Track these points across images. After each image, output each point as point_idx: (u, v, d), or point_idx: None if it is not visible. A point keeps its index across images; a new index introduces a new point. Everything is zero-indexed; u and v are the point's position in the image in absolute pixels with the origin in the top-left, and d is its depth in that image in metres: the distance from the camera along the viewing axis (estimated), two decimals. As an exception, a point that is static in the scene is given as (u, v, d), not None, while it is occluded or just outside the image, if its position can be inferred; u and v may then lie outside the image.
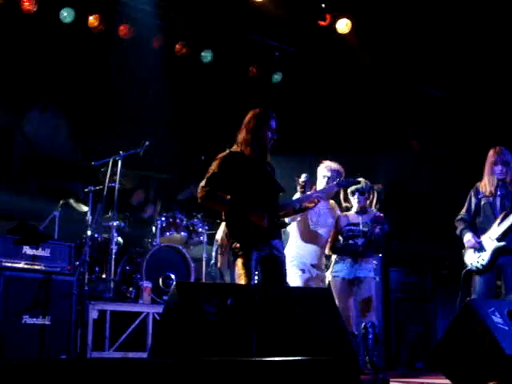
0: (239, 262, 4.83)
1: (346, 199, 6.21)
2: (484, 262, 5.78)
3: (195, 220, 7.67)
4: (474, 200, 6.06)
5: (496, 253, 5.76)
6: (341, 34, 8.72)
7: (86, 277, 6.70)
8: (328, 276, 5.99)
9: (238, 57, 9.02)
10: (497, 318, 4.21)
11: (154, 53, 8.40)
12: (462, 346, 4.25)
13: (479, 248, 5.84)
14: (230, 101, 8.69)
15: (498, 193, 5.97)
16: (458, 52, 8.85)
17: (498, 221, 5.83)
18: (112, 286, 6.86)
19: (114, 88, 8.24)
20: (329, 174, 6.06)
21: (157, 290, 7.02)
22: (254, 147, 5.14)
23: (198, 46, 8.77)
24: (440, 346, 4.47)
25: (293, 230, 6.11)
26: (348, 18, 8.66)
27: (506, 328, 4.16)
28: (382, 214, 5.95)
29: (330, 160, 6.25)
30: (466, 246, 5.91)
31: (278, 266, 4.95)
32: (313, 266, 5.95)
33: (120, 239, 7.35)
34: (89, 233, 6.93)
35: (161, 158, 8.35)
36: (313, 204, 5.24)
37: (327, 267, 6.02)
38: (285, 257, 5.09)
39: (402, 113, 9.79)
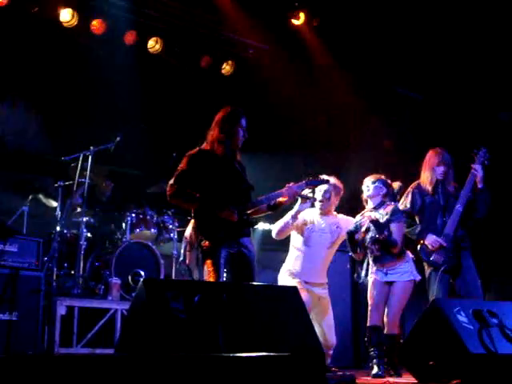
0: (208, 260, 4.85)
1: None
2: (451, 261, 5.85)
3: (165, 217, 7.65)
4: (418, 198, 6.15)
5: (457, 249, 5.90)
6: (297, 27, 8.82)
7: (55, 273, 6.66)
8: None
9: (211, 54, 9.02)
10: (462, 318, 4.26)
11: (127, 48, 8.36)
12: (427, 344, 4.29)
13: (442, 247, 5.90)
14: (202, 98, 8.67)
15: (439, 191, 6.10)
16: (434, 54, 8.93)
17: (441, 217, 6.01)
18: (80, 282, 6.82)
19: (85, 83, 8.19)
20: (326, 188, 6.10)
21: (126, 286, 6.99)
22: (225, 145, 5.17)
23: (171, 42, 8.74)
24: (406, 344, 4.51)
25: (291, 244, 6.21)
26: (316, 16, 8.75)
27: (471, 327, 4.21)
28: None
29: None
30: (430, 247, 5.94)
31: (246, 263, 4.99)
32: (306, 283, 5.98)
33: (89, 235, 7.30)
34: (58, 228, 6.88)
35: (132, 154, 8.30)
36: (285, 199, 5.27)
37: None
38: (254, 254, 5.11)
39: (376, 112, 9.85)
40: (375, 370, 5.60)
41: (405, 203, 6.21)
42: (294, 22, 8.92)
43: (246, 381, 3.10)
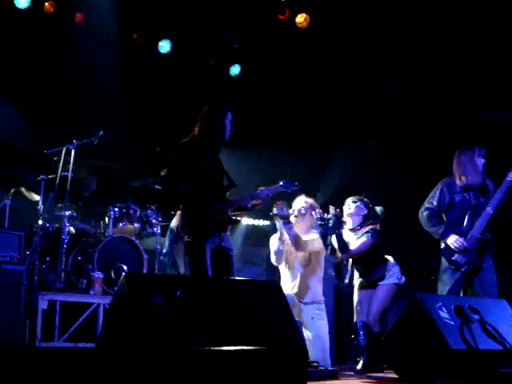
0: (192, 255, 4.85)
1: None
2: (474, 263, 5.72)
3: (149, 211, 7.61)
4: (446, 195, 6.00)
5: (481, 251, 5.76)
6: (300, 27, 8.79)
7: (37, 266, 6.61)
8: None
9: (196, 48, 8.99)
10: (443, 313, 4.28)
11: (110, 41, 8.31)
12: (409, 339, 4.30)
13: (465, 249, 5.78)
14: (186, 92, 8.65)
15: (472, 190, 5.95)
16: (417, 51, 8.96)
17: (469, 217, 5.84)
18: (63, 276, 6.77)
19: (68, 76, 8.14)
20: (304, 205, 6.16)
21: (108, 281, 6.94)
22: (212, 139, 5.18)
23: (155, 35, 8.70)
24: (388, 339, 4.53)
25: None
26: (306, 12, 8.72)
27: (452, 323, 4.23)
28: None
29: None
30: (453, 247, 5.79)
31: (226, 257, 5.02)
32: (299, 301, 6.03)
33: (72, 229, 7.26)
34: (40, 222, 6.84)
35: (115, 148, 8.26)
36: (259, 201, 5.29)
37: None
38: (233, 248, 5.16)
39: (361, 110, 9.87)
40: (360, 365, 5.65)
41: (431, 200, 6.07)
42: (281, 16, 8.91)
43: (226, 375, 3.10)
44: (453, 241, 5.79)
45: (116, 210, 7.43)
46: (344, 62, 9.30)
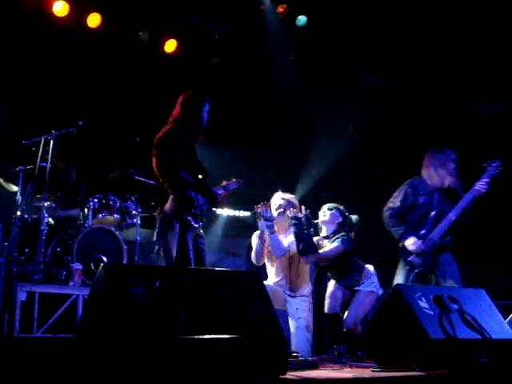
0: (182, 240, 4.88)
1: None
2: (428, 266, 5.88)
3: (128, 202, 7.56)
4: (411, 197, 6.07)
5: (437, 253, 5.89)
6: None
7: (15, 258, 6.55)
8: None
9: (175, 37, 8.94)
10: (423, 303, 4.30)
11: (89, 31, 8.24)
12: (388, 329, 4.32)
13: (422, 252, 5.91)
14: (165, 82, 8.61)
15: (429, 191, 6.05)
16: (399, 42, 8.98)
17: (432, 220, 5.95)
18: (41, 267, 6.72)
19: (47, 66, 8.07)
20: (281, 202, 6.15)
21: (88, 272, 6.89)
22: (190, 127, 5.18)
23: (135, 25, 8.64)
24: (368, 329, 4.54)
25: None
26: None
27: (432, 313, 4.24)
28: None
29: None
30: (410, 249, 5.93)
31: (200, 244, 5.17)
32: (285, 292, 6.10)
33: (51, 220, 7.20)
34: (18, 213, 6.77)
35: (95, 139, 8.21)
36: (225, 194, 5.51)
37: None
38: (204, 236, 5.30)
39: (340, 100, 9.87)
40: (336, 354, 5.67)
41: (394, 200, 6.14)
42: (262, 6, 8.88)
43: (205, 363, 3.10)
44: (410, 243, 5.92)
45: (95, 200, 7.38)
46: (326, 53, 9.29)
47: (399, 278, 5.97)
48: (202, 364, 3.11)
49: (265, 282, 6.10)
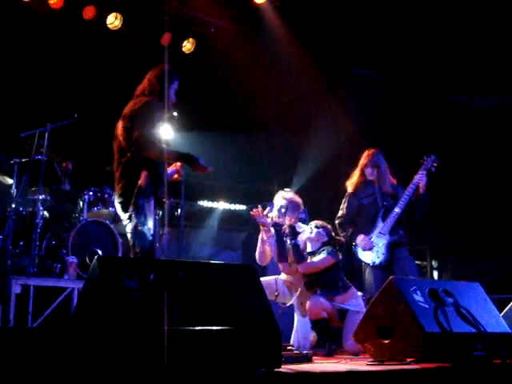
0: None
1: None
2: (383, 258, 6.20)
3: (124, 195, 7.54)
4: (354, 202, 6.46)
5: (390, 247, 6.22)
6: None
7: (10, 251, 6.53)
8: None
9: (172, 31, 8.89)
10: (418, 297, 4.29)
11: (86, 24, 8.20)
12: (383, 322, 4.31)
13: (372, 247, 6.26)
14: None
15: (371, 190, 6.43)
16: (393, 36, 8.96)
17: (381, 217, 6.32)
18: (36, 260, 6.71)
19: (43, 59, 8.04)
20: (283, 203, 6.12)
21: (83, 265, 6.89)
22: (165, 102, 5.13)
23: (131, 18, 8.60)
24: (363, 322, 4.53)
25: None
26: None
27: (427, 306, 4.23)
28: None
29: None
30: (360, 246, 6.29)
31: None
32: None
33: (46, 213, 7.18)
34: (13, 206, 6.76)
35: (90, 131, 8.18)
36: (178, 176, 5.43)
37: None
38: None
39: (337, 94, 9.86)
40: (326, 349, 5.69)
41: (341, 209, 6.51)
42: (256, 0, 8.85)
43: (199, 355, 3.09)
44: (360, 240, 6.28)
45: (91, 194, 7.38)
46: (319, 46, 9.27)
47: (366, 280, 6.30)
48: (196, 356, 3.10)
49: (278, 277, 6.16)
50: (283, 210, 6.07)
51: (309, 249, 6.06)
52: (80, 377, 2.75)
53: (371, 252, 6.24)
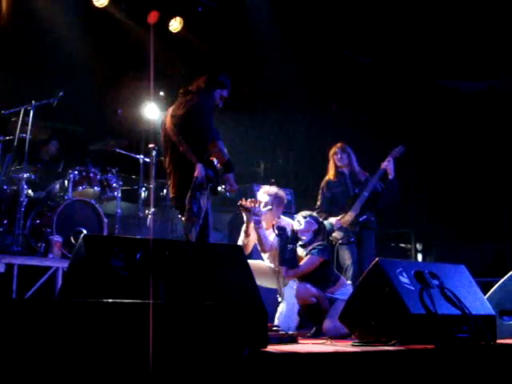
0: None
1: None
2: (353, 237, 6.76)
3: (109, 175, 7.51)
4: (327, 193, 6.98)
5: (359, 228, 6.78)
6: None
7: (-7, 229, 6.49)
8: None
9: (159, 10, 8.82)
10: (404, 279, 4.29)
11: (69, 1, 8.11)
12: (369, 304, 4.32)
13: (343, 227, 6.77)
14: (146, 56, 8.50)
15: (343, 180, 6.96)
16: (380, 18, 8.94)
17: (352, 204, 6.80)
18: (20, 239, 6.65)
19: (27, 35, 7.94)
20: (267, 199, 6.10)
21: (68, 245, 6.85)
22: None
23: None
24: (348, 304, 4.54)
25: None
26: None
27: (412, 288, 4.25)
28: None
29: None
30: (334, 226, 6.77)
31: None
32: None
33: (30, 192, 7.12)
34: (-3, 184, 6.70)
35: (75, 110, 8.10)
36: None
37: None
38: None
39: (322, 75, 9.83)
40: (313, 330, 5.69)
41: (317, 202, 7.03)
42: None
43: (186, 330, 3.08)
44: (331, 221, 6.78)
45: (76, 173, 7.30)
46: (308, 28, 9.23)
47: (347, 255, 6.75)
48: (182, 332, 3.09)
49: (261, 262, 6.16)
50: (269, 207, 6.05)
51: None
52: (66, 354, 2.73)
53: (339, 231, 6.75)
